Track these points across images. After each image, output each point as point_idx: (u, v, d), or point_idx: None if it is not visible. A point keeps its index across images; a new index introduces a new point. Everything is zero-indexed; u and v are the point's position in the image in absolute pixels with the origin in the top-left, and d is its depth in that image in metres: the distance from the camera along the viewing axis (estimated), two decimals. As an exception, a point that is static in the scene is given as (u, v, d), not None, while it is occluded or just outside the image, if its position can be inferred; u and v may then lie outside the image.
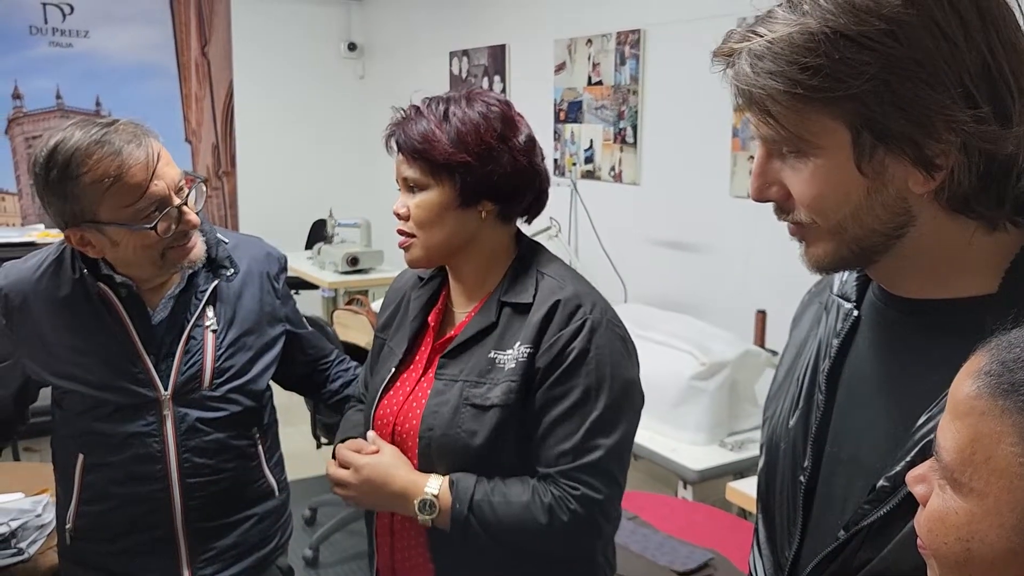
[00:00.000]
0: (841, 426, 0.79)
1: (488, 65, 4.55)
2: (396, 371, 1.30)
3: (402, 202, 1.24)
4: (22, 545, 1.57)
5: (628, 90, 3.58)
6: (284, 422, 1.63)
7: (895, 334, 0.75)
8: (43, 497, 1.72)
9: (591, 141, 3.83)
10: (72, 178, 1.25)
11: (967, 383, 0.54)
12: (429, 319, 1.31)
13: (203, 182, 1.42)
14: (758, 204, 0.76)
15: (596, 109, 3.78)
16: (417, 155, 1.21)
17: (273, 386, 1.57)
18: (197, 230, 1.38)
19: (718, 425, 2.33)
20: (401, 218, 1.25)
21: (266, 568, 1.55)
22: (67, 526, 1.45)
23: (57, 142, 1.27)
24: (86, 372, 1.38)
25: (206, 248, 1.43)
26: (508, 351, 1.19)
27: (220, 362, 1.43)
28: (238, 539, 1.49)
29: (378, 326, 1.41)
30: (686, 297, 3.33)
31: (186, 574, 1.44)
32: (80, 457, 1.41)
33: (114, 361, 1.38)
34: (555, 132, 4.03)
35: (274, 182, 5.67)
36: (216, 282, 1.45)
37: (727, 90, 0.71)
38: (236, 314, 1.47)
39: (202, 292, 1.43)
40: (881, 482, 0.70)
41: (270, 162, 5.67)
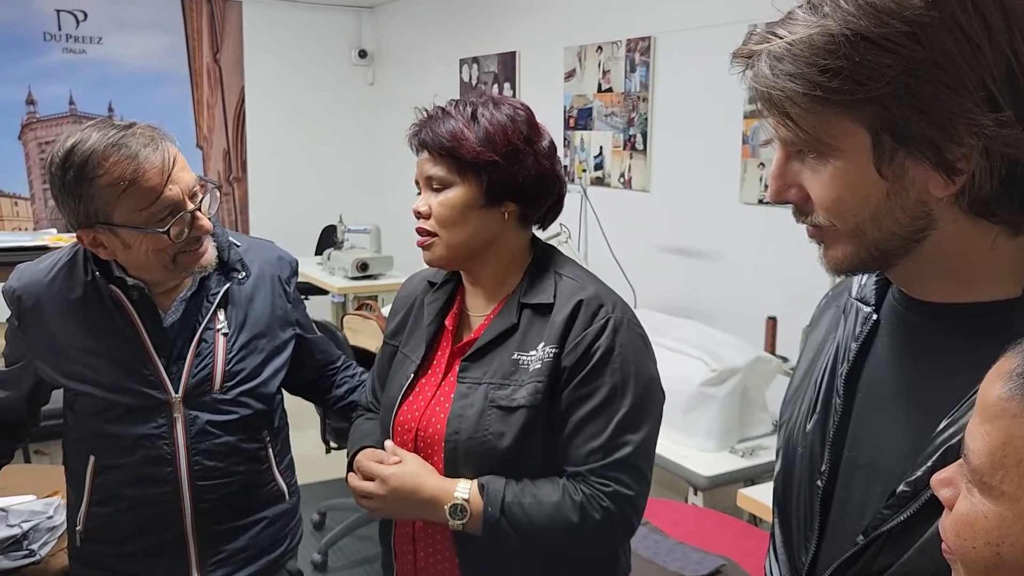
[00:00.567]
0: (859, 430, 0.78)
1: (498, 72, 4.56)
2: (415, 377, 1.29)
3: (424, 200, 1.24)
4: (34, 547, 1.58)
5: (638, 97, 3.58)
6: (293, 426, 1.62)
7: (915, 338, 0.74)
8: (55, 499, 1.73)
9: (601, 148, 3.83)
10: (88, 179, 1.26)
11: (998, 385, 0.53)
12: (446, 323, 1.31)
13: (217, 188, 1.42)
14: (768, 210, 0.76)
15: (606, 116, 3.78)
16: (445, 152, 1.22)
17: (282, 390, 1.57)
18: (209, 235, 1.39)
19: (729, 431, 2.32)
20: (422, 216, 1.25)
21: (275, 572, 1.55)
22: (77, 528, 1.45)
23: (74, 143, 1.27)
24: (97, 374, 1.38)
25: (218, 252, 1.43)
26: (531, 352, 1.20)
27: (231, 365, 1.44)
28: (248, 542, 1.49)
29: (387, 333, 1.41)
30: (696, 303, 3.32)
31: (195, 577, 1.44)
32: (91, 459, 1.42)
33: (125, 363, 1.38)
34: (565, 139, 4.03)
35: (284, 188, 5.69)
36: (228, 285, 1.45)
37: (737, 97, 0.71)
38: (247, 317, 1.47)
39: (213, 295, 1.43)
40: (901, 487, 0.69)
41: (280, 168, 5.69)
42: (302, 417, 1.49)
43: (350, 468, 1.33)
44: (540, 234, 1.36)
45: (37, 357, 1.43)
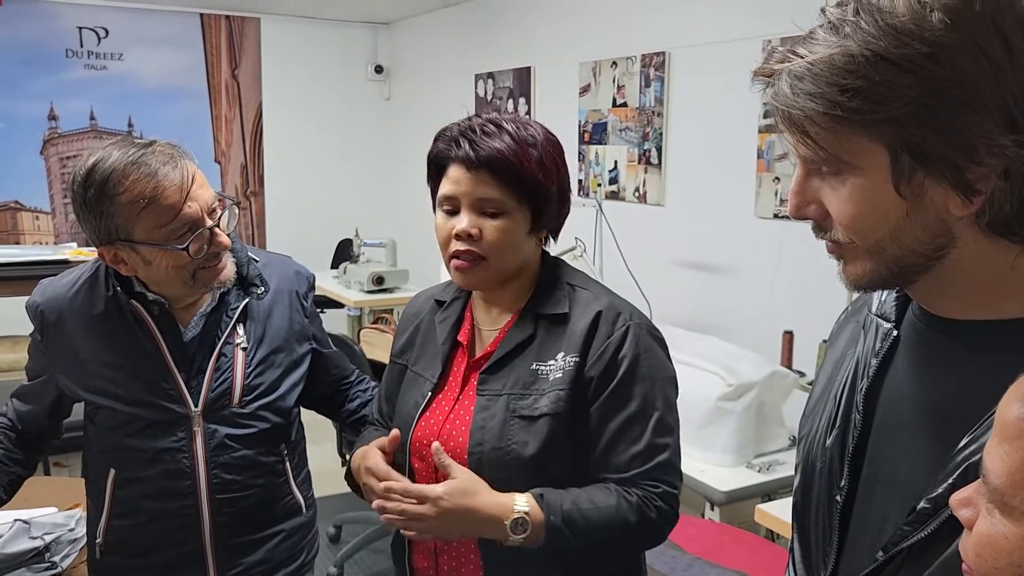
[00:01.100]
0: (879, 446, 0.78)
1: (513, 87, 4.59)
2: (431, 395, 1.29)
3: (472, 223, 1.19)
4: (56, 559, 1.59)
5: (653, 112, 3.59)
6: (310, 439, 1.63)
7: (936, 355, 0.74)
8: (76, 512, 1.74)
9: (615, 162, 3.85)
10: (108, 197, 1.28)
11: (1015, 406, 0.53)
12: (460, 339, 1.31)
13: (235, 204, 1.44)
14: (784, 225, 0.76)
15: (621, 131, 3.79)
16: (506, 174, 1.19)
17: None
18: (228, 251, 1.40)
19: (745, 446, 2.31)
20: (472, 239, 1.20)
21: (292, 585, 1.56)
22: (97, 540, 1.46)
23: (95, 161, 1.29)
24: (118, 388, 1.40)
25: (237, 267, 1.45)
26: (550, 362, 1.21)
27: (249, 379, 1.45)
28: (266, 555, 1.49)
29: (394, 351, 1.40)
30: (712, 318, 3.31)
31: (214, 590, 1.45)
32: (111, 472, 1.43)
33: (146, 377, 1.40)
34: (580, 153, 4.04)
35: (301, 202, 5.74)
36: (247, 300, 1.47)
37: (752, 112, 0.72)
38: (266, 332, 1.48)
39: (233, 310, 1.45)
40: (922, 504, 0.68)
41: (297, 182, 5.74)
42: (318, 430, 1.50)
43: (349, 472, 1.34)
44: (554, 249, 1.37)
45: (59, 371, 1.45)
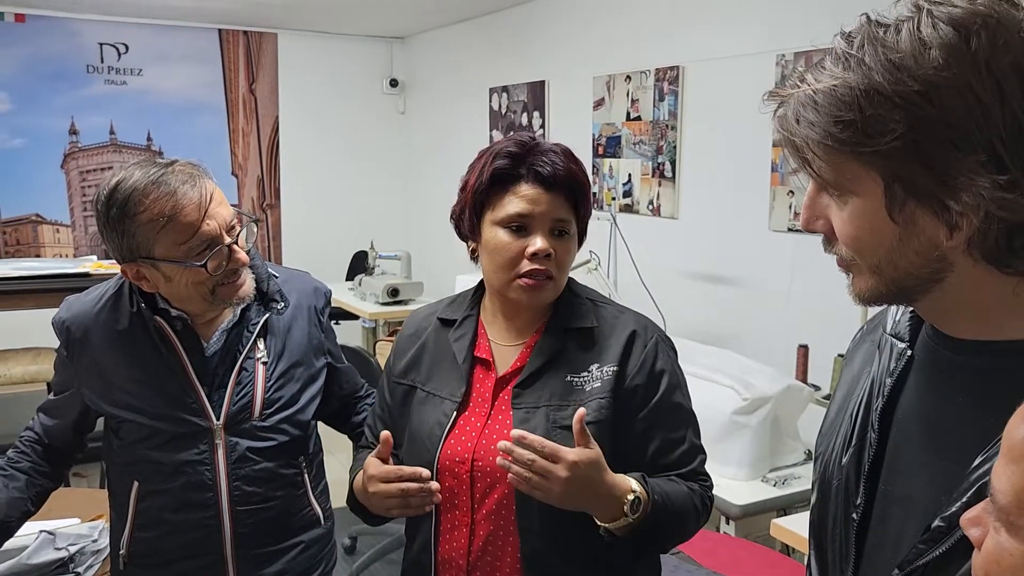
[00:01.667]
0: (894, 465, 0.79)
1: (528, 101, 4.62)
2: (458, 412, 1.28)
3: (550, 242, 1.23)
4: (79, 570, 1.61)
5: (666, 125, 3.61)
6: (326, 451, 1.65)
7: (949, 374, 0.75)
8: (99, 523, 1.76)
9: (629, 175, 3.86)
10: (129, 216, 1.31)
11: (1022, 427, 0.54)
12: (484, 356, 1.32)
13: (254, 222, 1.47)
14: (797, 238, 0.79)
15: (634, 144, 3.81)
16: (577, 195, 1.27)
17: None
18: (247, 267, 1.42)
19: (760, 460, 2.31)
20: (546, 259, 1.23)
21: (311, 596, 1.57)
22: (120, 552, 1.48)
23: (118, 181, 1.33)
24: (142, 402, 1.42)
25: (257, 283, 1.47)
26: (584, 373, 1.25)
27: (270, 393, 1.47)
28: (285, 566, 1.51)
29: (397, 371, 1.38)
30: (726, 331, 3.31)
31: (234, 600, 1.46)
32: (135, 484, 1.45)
33: (169, 391, 1.42)
34: (594, 166, 4.06)
35: (317, 214, 5.79)
36: (267, 315, 1.49)
37: (766, 125, 0.74)
38: (286, 346, 1.51)
39: (254, 325, 1.47)
40: (936, 522, 0.69)
41: (313, 195, 5.79)
42: (335, 442, 1.52)
43: (352, 496, 1.35)
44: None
45: (84, 385, 1.47)
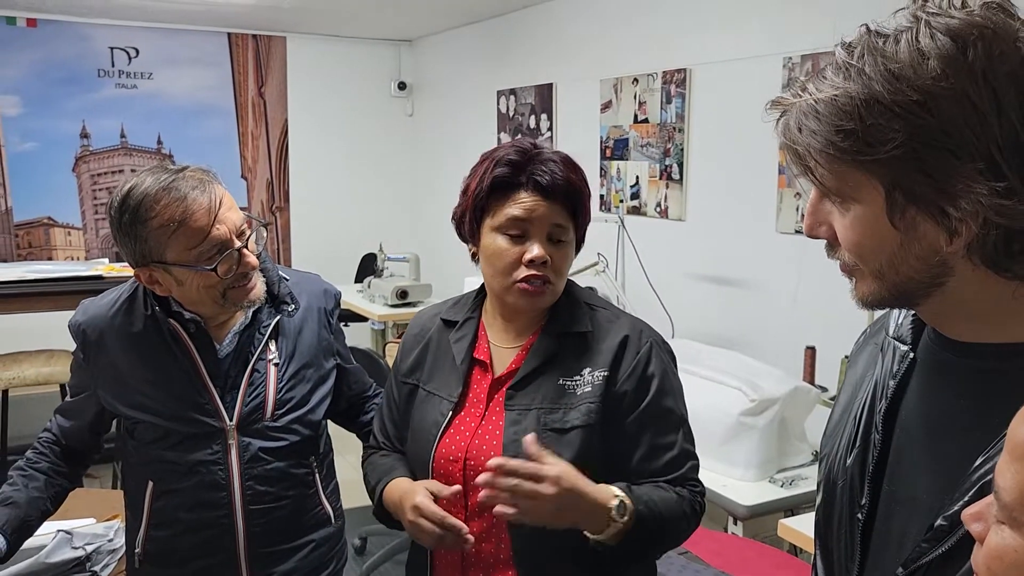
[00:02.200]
0: (898, 465, 0.80)
1: (535, 104, 4.64)
2: (454, 412, 1.31)
3: (547, 249, 1.25)
4: (96, 569, 1.63)
5: (674, 128, 3.62)
6: (336, 452, 1.66)
7: (950, 376, 0.77)
8: (114, 523, 1.78)
9: (637, 178, 3.87)
10: (141, 222, 1.34)
11: None
12: (482, 357, 1.35)
13: (264, 226, 1.49)
14: (804, 241, 0.80)
15: (642, 146, 3.82)
16: (576, 203, 1.29)
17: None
18: (257, 271, 1.44)
19: (768, 461, 2.32)
20: (542, 265, 1.25)
21: (322, 594, 1.59)
22: (136, 550, 1.50)
23: (130, 187, 1.35)
24: (157, 403, 1.44)
25: (268, 285, 1.50)
26: (577, 377, 1.26)
27: (281, 394, 1.49)
28: (297, 564, 1.53)
29: (402, 371, 1.41)
30: (734, 333, 3.32)
31: (247, 598, 1.49)
32: (150, 484, 1.48)
33: (183, 393, 1.44)
34: (601, 169, 4.07)
35: (326, 217, 5.81)
36: (278, 317, 1.51)
37: (772, 128, 0.75)
38: (297, 348, 1.53)
39: (265, 327, 1.49)
40: (939, 521, 0.71)
41: (322, 197, 5.82)
42: (344, 443, 1.54)
43: (379, 501, 1.36)
44: (576, 263, 1.42)
45: (101, 387, 1.50)
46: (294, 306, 1.54)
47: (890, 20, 0.70)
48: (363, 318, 4.61)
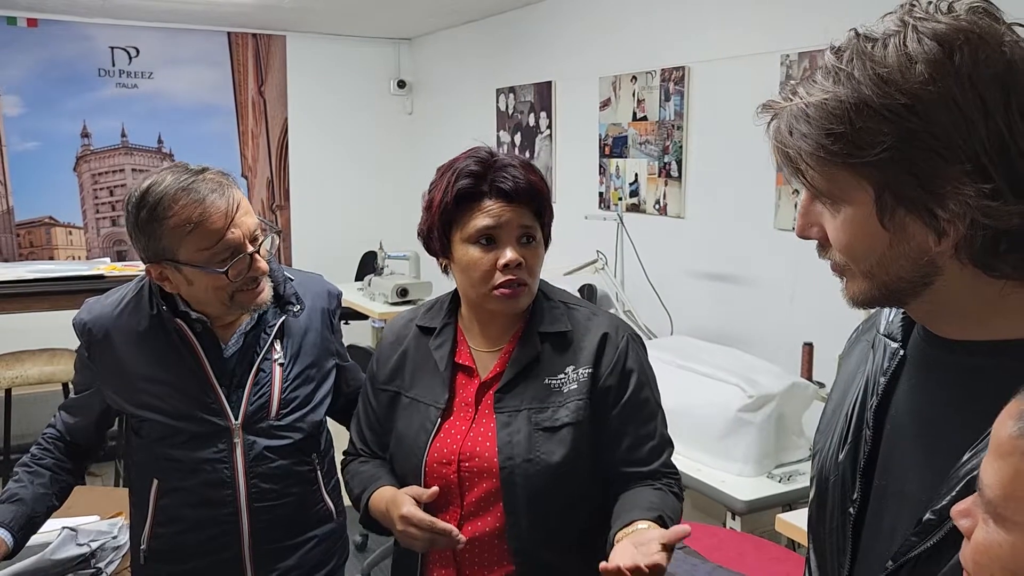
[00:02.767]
0: (888, 461, 0.82)
1: (534, 101, 4.65)
2: (442, 418, 1.33)
3: (519, 252, 1.28)
4: (101, 565, 1.64)
5: (672, 125, 3.63)
6: (337, 450, 1.68)
7: (939, 373, 0.78)
8: (119, 520, 1.80)
9: (636, 175, 3.89)
10: (158, 220, 1.35)
11: (1009, 424, 0.57)
12: (466, 362, 1.37)
13: (277, 233, 1.51)
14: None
15: (641, 144, 3.84)
16: (539, 204, 1.32)
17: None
18: (266, 276, 1.46)
19: (766, 457, 2.33)
20: (517, 268, 1.28)
21: (325, 589, 1.61)
22: (141, 547, 1.52)
23: (150, 185, 1.37)
24: (163, 402, 1.46)
25: (274, 286, 1.51)
26: (561, 375, 1.30)
27: (286, 393, 1.51)
28: (300, 560, 1.55)
29: (380, 379, 1.43)
30: (732, 330, 3.34)
31: (252, 594, 1.51)
32: (155, 482, 1.49)
33: (189, 392, 1.46)
34: (600, 166, 4.09)
35: (326, 215, 5.82)
36: (284, 318, 1.53)
37: (764, 132, 0.77)
38: (301, 348, 1.55)
39: (271, 327, 1.51)
40: (927, 515, 0.72)
41: (322, 196, 5.83)
42: (345, 442, 1.56)
43: (365, 511, 1.37)
44: (576, 261, 1.46)
45: (106, 386, 1.51)
46: (299, 307, 1.55)
47: (878, 24, 0.72)
48: (364, 316, 4.63)
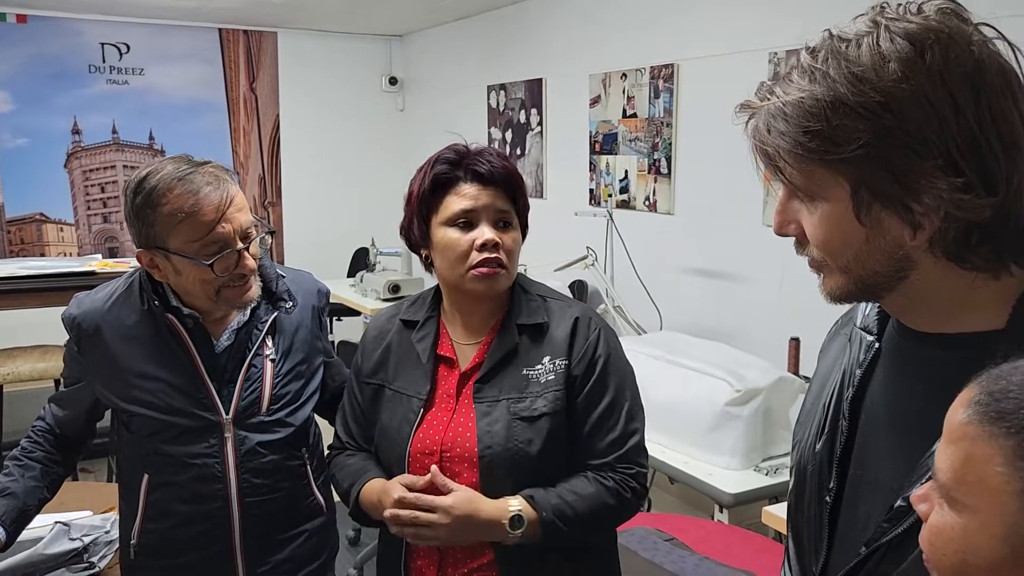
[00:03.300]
0: (863, 450, 0.84)
1: (525, 98, 4.66)
2: (425, 409, 1.36)
3: (496, 234, 1.32)
4: (93, 559, 1.65)
5: (662, 122, 3.65)
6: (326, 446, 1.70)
7: (911, 364, 0.81)
8: (111, 515, 1.81)
9: (626, 172, 3.91)
10: (152, 206, 1.37)
11: (960, 411, 0.59)
12: (448, 354, 1.39)
13: (270, 233, 1.52)
14: (790, 234, 0.84)
15: (630, 141, 3.86)
16: (513, 189, 1.36)
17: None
18: (255, 274, 1.47)
19: (753, 450, 2.36)
20: (494, 248, 1.31)
21: (316, 582, 1.63)
22: (132, 542, 1.52)
23: (148, 172, 1.39)
24: (155, 397, 1.46)
25: (266, 282, 1.53)
26: (538, 366, 1.33)
27: (277, 389, 1.52)
28: (291, 554, 1.56)
29: (365, 372, 1.45)
30: (720, 325, 3.36)
31: (243, 588, 1.52)
32: (145, 477, 1.50)
33: (181, 387, 1.47)
34: (590, 163, 4.10)
35: (318, 212, 5.83)
36: (276, 314, 1.54)
37: (742, 132, 0.79)
38: (292, 345, 1.56)
39: (263, 323, 1.52)
40: (899, 502, 0.75)
41: (314, 192, 5.83)
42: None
43: (355, 504, 1.40)
44: (566, 258, 1.49)
45: (97, 380, 1.52)
46: (292, 303, 1.56)
47: (850, 25, 0.74)
48: (355, 312, 4.64)
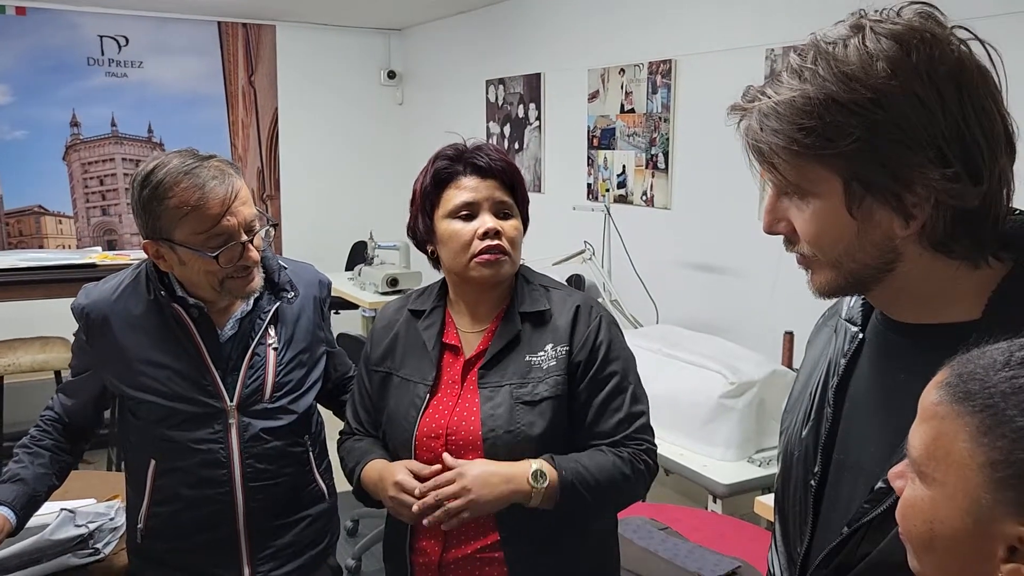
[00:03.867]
0: (847, 436, 0.88)
1: (523, 93, 4.69)
2: (430, 394, 1.41)
3: (494, 222, 1.38)
4: (98, 546, 1.69)
5: (660, 118, 3.68)
6: (329, 437, 1.73)
7: (893, 354, 0.84)
8: (115, 502, 1.84)
9: (623, 167, 3.94)
10: (158, 199, 1.41)
11: (932, 393, 0.63)
12: (453, 342, 1.44)
13: (273, 226, 1.56)
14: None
15: (628, 136, 3.89)
16: (512, 182, 1.42)
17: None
18: (258, 266, 1.51)
19: (747, 442, 2.39)
20: (496, 235, 1.38)
21: (318, 567, 1.67)
22: (139, 526, 1.57)
23: (156, 165, 1.43)
24: (161, 384, 1.51)
25: (268, 273, 1.57)
26: (541, 353, 1.38)
27: (279, 377, 1.56)
28: (293, 538, 1.61)
29: (373, 361, 1.50)
30: (716, 319, 3.40)
31: (247, 571, 1.56)
32: (152, 462, 1.54)
33: (186, 374, 1.51)
34: (589, 158, 4.14)
35: (316, 205, 5.85)
36: (278, 304, 1.58)
37: (735, 132, 0.83)
38: (294, 334, 1.60)
39: (265, 313, 1.56)
40: (879, 484, 0.79)
41: (312, 186, 5.85)
42: (336, 426, 1.61)
43: (358, 485, 1.44)
44: (564, 252, 1.54)
45: (105, 369, 1.56)
46: (293, 293, 1.60)
47: (832, 29, 0.77)
48: (354, 305, 4.67)
